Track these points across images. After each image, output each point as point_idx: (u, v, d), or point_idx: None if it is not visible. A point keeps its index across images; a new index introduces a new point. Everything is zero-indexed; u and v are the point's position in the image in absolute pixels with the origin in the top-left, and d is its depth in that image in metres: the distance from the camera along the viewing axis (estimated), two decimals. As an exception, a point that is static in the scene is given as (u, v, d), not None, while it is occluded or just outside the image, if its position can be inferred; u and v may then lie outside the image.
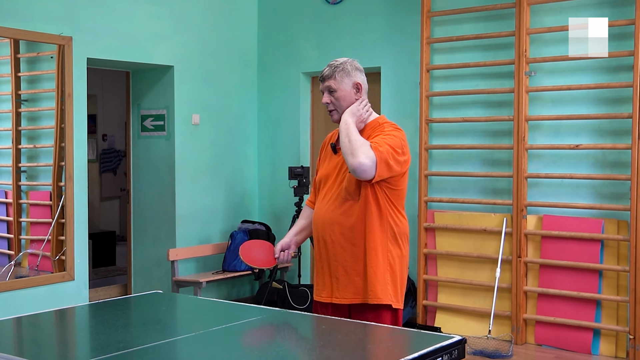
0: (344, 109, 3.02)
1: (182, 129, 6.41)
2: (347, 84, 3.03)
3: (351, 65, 3.06)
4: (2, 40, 5.52)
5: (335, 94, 3.03)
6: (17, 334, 2.77)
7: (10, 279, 5.39)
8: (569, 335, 5.23)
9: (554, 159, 5.40)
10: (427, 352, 2.34)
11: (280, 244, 3.16)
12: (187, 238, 6.43)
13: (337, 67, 3.04)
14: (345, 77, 3.03)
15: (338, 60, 3.08)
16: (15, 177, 5.73)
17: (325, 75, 3.05)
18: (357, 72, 3.07)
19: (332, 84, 3.02)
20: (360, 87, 3.06)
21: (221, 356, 2.48)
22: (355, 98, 3.04)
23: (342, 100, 3.02)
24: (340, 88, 3.02)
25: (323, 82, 3.06)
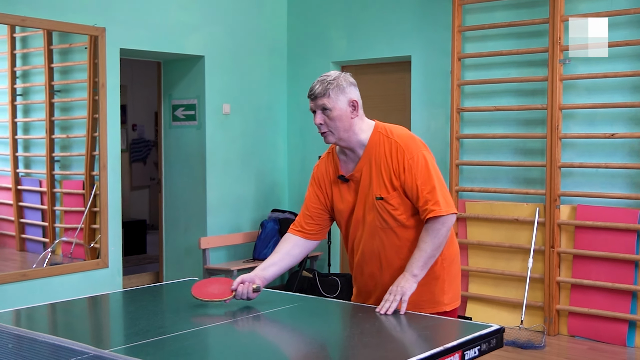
0: (340, 129, 2.69)
1: (212, 119, 6.44)
2: (343, 102, 2.68)
3: (345, 81, 2.70)
4: (36, 32, 5.59)
5: (329, 113, 2.67)
6: (62, 319, 2.81)
7: (45, 266, 5.48)
8: (603, 327, 5.17)
9: (588, 148, 5.33)
10: (466, 340, 2.33)
11: (241, 277, 2.79)
12: (217, 227, 6.48)
13: (330, 84, 2.67)
14: (340, 95, 2.67)
15: (329, 74, 2.71)
16: (49, 167, 5.82)
17: (317, 93, 2.67)
18: (352, 88, 2.71)
19: (326, 102, 2.66)
20: (356, 104, 2.71)
21: (262, 342, 2.50)
22: (351, 117, 2.70)
23: (337, 120, 2.68)
24: (336, 107, 2.67)
25: (314, 101, 2.69)
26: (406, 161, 2.69)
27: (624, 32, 5.13)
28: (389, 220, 2.73)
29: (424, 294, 2.77)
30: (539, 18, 5.46)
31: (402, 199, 2.72)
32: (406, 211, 2.73)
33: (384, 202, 2.72)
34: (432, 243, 2.66)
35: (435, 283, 2.80)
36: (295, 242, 2.90)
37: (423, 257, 2.66)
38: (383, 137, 2.75)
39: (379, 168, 2.73)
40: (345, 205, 2.83)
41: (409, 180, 2.69)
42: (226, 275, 6.15)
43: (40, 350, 2.07)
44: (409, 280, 2.66)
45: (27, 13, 5.12)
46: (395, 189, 2.71)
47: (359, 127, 2.75)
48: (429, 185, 2.68)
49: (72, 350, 1.94)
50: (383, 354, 2.26)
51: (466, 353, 2.31)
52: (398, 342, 2.50)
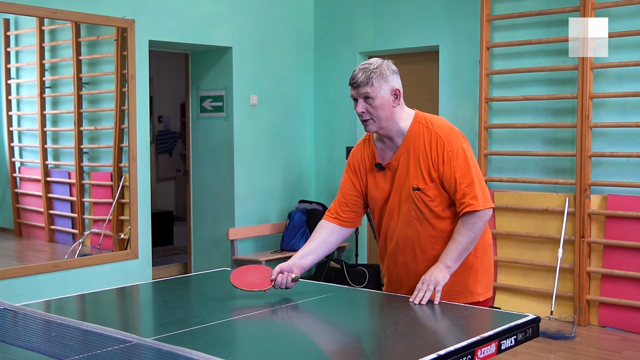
0: (381, 118, 2.68)
1: (240, 110, 6.46)
2: (386, 90, 2.67)
3: (388, 69, 2.69)
4: (65, 24, 5.64)
5: (372, 102, 2.66)
6: (95, 310, 2.85)
7: (76, 257, 5.55)
8: (635, 317, 5.13)
9: (619, 137, 5.27)
10: (503, 329, 2.33)
11: (279, 266, 2.80)
12: (245, 218, 6.51)
13: (373, 72, 2.66)
14: (383, 83, 2.66)
15: (372, 62, 2.70)
16: (77, 159, 5.88)
17: (360, 81, 2.66)
18: (394, 76, 2.70)
19: (369, 91, 2.65)
20: (398, 93, 2.70)
21: (297, 332, 2.51)
22: (393, 106, 2.69)
23: (380, 109, 2.66)
24: (379, 96, 2.65)
25: (357, 89, 2.67)
26: (446, 153, 2.68)
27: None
28: (425, 211, 2.73)
29: (456, 284, 2.77)
30: (570, 6, 5.39)
31: (439, 191, 2.71)
32: (442, 203, 2.73)
33: (421, 193, 2.72)
34: (468, 236, 2.66)
35: (469, 273, 2.80)
36: (331, 230, 2.90)
37: (458, 249, 2.67)
38: (423, 128, 2.73)
39: (417, 158, 2.72)
40: (380, 193, 2.83)
41: (448, 172, 2.68)
42: (254, 265, 6.18)
43: (84, 338, 2.10)
44: (443, 270, 2.66)
45: (58, 5, 5.17)
46: (433, 180, 2.70)
47: (399, 116, 2.74)
48: (467, 179, 2.67)
49: (115, 338, 1.96)
50: (419, 343, 2.26)
51: (502, 342, 2.31)
52: (433, 332, 2.50)
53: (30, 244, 5.97)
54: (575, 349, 4.86)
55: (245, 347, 2.33)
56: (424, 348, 2.20)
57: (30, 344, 2.07)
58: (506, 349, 2.34)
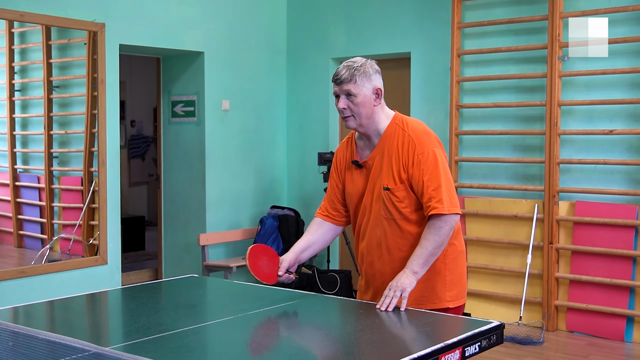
0: (362, 116, 2.73)
1: (212, 115, 6.43)
2: (368, 88, 2.72)
3: (371, 68, 2.75)
4: (35, 27, 5.57)
5: (354, 99, 2.71)
6: (61, 316, 2.81)
7: (44, 263, 5.47)
8: (602, 322, 5.19)
9: (587, 145, 5.34)
10: (467, 336, 2.34)
11: (287, 262, 2.87)
12: (217, 223, 6.48)
13: (357, 70, 2.71)
14: (366, 81, 2.71)
15: (356, 60, 2.75)
16: (47, 163, 5.81)
17: (344, 78, 2.71)
18: (377, 76, 2.76)
19: (351, 88, 2.70)
20: (380, 92, 2.76)
21: (261, 339, 2.50)
22: (374, 105, 2.74)
23: (361, 106, 2.72)
24: (361, 93, 2.71)
25: (340, 85, 2.72)
26: (416, 155, 2.72)
27: (622, 29, 5.14)
28: (393, 212, 2.76)
29: (425, 290, 2.78)
30: (538, 15, 5.46)
31: (408, 193, 2.75)
32: (411, 205, 2.76)
33: (390, 193, 2.76)
34: (434, 241, 2.68)
35: (437, 279, 2.81)
36: (327, 227, 2.99)
37: (424, 254, 2.68)
38: (399, 129, 2.78)
39: (390, 159, 2.76)
40: (355, 190, 2.89)
41: (417, 174, 2.72)
42: (225, 272, 6.16)
43: (40, 348, 2.07)
44: (409, 276, 2.67)
45: (26, 8, 5.11)
46: (402, 181, 2.74)
47: (379, 115, 2.79)
48: (435, 182, 2.70)
49: (72, 347, 1.94)
50: (384, 350, 2.26)
51: (467, 349, 2.32)
52: (399, 339, 2.50)
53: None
54: (544, 354, 4.90)
55: (209, 354, 2.31)
56: (389, 355, 2.21)
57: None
58: (470, 355, 2.35)
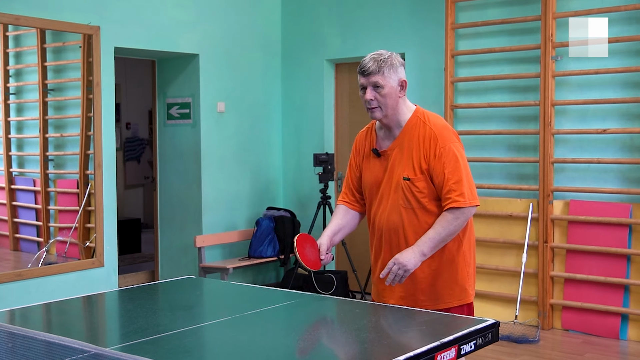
0: (388, 107, 2.80)
1: (207, 117, 6.45)
2: (394, 80, 2.79)
3: (397, 60, 2.83)
4: (29, 30, 5.58)
5: (381, 90, 2.78)
6: (59, 318, 2.82)
7: (41, 265, 5.48)
8: (597, 321, 5.22)
9: (580, 144, 5.38)
10: (462, 334, 2.36)
11: (325, 245, 2.93)
12: (213, 225, 6.49)
13: (384, 62, 2.78)
14: (392, 73, 2.78)
15: (382, 53, 2.82)
16: (43, 166, 5.82)
17: (372, 69, 2.78)
18: (402, 68, 2.83)
19: (379, 79, 2.77)
20: (405, 84, 2.83)
21: (259, 340, 2.52)
22: (399, 96, 2.82)
23: (388, 97, 2.78)
24: (388, 85, 2.77)
25: (367, 77, 2.79)
26: (438, 149, 2.80)
27: (615, 28, 5.17)
28: (412, 201, 2.84)
29: (451, 287, 2.88)
30: (531, 15, 5.49)
31: (428, 184, 2.83)
32: (429, 195, 2.83)
33: (410, 184, 2.83)
34: (448, 229, 2.76)
35: (461, 274, 2.89)
36: (353, 214, 3.08)
37: (436, 239, 2.77)
38: (420, 122, 2.86)
39: (410, 150, 2.84)
40: (373, 178, 2.95)
41: (438, 167, 2.80)
42: (221, 274, 6.17)
43: (40, 349, 2.09)
44: (417, 256, 2.76)
45: (21, 12, 5.12)
46: (423, 172, 2.82)
47: (402, 107, 2.87)
48: (456, 176, 2.78)
49: (72, 348, 1.95)
50: (380, 349, 2.28)
51: (462, 347, 2.34)
52: (394, 338, 2.52)
53: (-6, 252, 5.89)
54: (540, 352, 4.93)
55: (207, 355, 2.33)
56: (385, 354, 2.23)
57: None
58: (466, 353, 2.37)
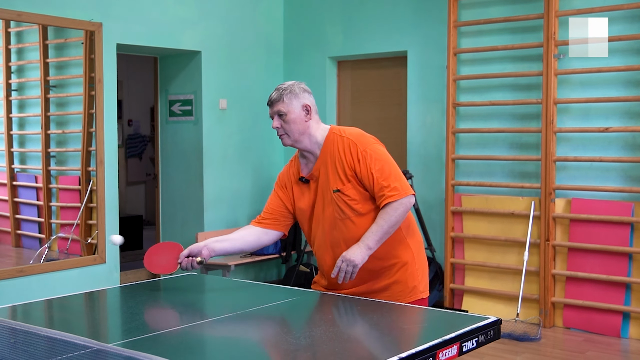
0: (294, 132, 2.94)
1: (209, 114, 6.45)
2: (297, 106, 2.94)
3: (299, 88, 2.98)
4: (31, 26, 5.58)
5: (285, 117, 2.94)
6: (60, 315, 2.83)
7: (42, 262, 5.49)
8: (598, 319, 5.22)
9: (582, 142, 5.37)
10: (465, 332, 2.36)
11: (190, 248, 3.00)
12: (215, 222, 6.50)
13: (284, 90, 2.95)
14: (293, 100, 2.94)
15: (285, 83, 3.00)
16: (44, 162, 5.81)
17: (274, 99, 2.96)
18: (305, 94, 2.98)
19: (281, 107, 2.94)
20: (309, 108, 2.97)
21: (261, 336, 2.52)
22: (306, 120, 2.96)
23: (292, 123, 2.93)
24: (290, 111, 2.94)
25: (272, 107, 2.97)
26: (359, 153, 2.91)
27: (617, 27, 5.16)
28: (346, 210, 2.93)
29: (400, 284, 2.94)
30: (534, 13, 5.49)
31: (357, 189, 2.93)
32: (362, 200, 2.93)
33: (341, 194, 2.93)
34: (389, 220, 2.85)
35: (410, 272, 2.97)
36: (251, 231, 3.12)
37: (379, 231, 2.85)
38: (337, 137, 2.97)
39: (334, 164, 2.95)
40: (305, 203, 3.04)
41: (364, 170, 2.90)
42: (223, 271, 6.17)
43: (42, 344, 2.09)
44: (363, 251, 2.85)
45: (23, 8, 5.12)
46: (350, 180, 2.92)
47: (314, 129, 2.99)
48: (384, 173, 2.89)
49: (74, 344, 1.95)
50: (382, 345, 2.28)
51: (464, 345, 2.34)
52: (396, 334, 2.52)
53: (-5, 249, 5.89)
54: (541, 350, 4.93)
55: (208, 351, 2.33)
56: (387, 350, 2.23)
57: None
58: (468, 350, 2.37)
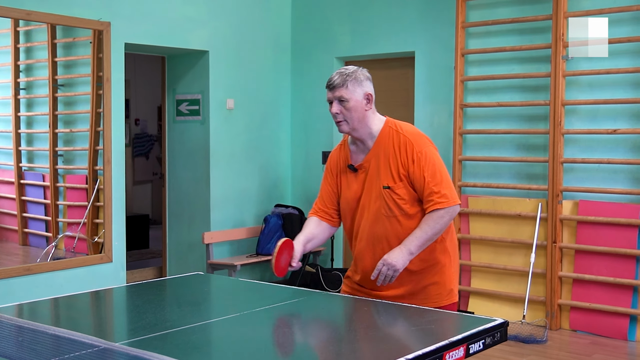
0: (354, 120, 2.86)
1: (216, 114, 6.46)
2: (359, 93, 2.87)
3: (363, 74, 2.91)
4: (40, 25, 5.60)
5: (346, 104, 2.85)
6: (67, 313, 2.83)
7: (49, 260, 5.50)
8: (605, 321, 5.20)
9: (590, 144, 5.35)
10: (471, 334, 2.35)
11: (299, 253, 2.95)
12: (221, 222, 6.50)
13: (349, 76, 2.87)
14: (357, 87, 2.86)
15: (348, 68, 2.92)
16: (52, 161, 5.83)
17: (336, 83, 2.86)
18: (368, 82, 2.91)
19: (343, 93, 2.85)
20: (371, 97, 2.90)
21: (267, 336, 2.52)
22: (365, 109, 2.88)
23: (353, 111, 2.86)
24: (352, 98, 2.85)
25: (332, 91, 2.87)
26: (415, 154, 2.84)
27: (626, 28, 5.15)
28: (394, 209, 2.87)
29: (437, 288, 2.91)
30: (542, 15, 5.47)
31: (408, 190, 2.87)
32: (410, 201, 2.87)
33: (391, 192, 2.87)
34: (434, 227, 2.81)
35: (446, 275, 2.94)
36: (325, 226, 3.08)
37: (423, 237, 2.81)
38: (393, 131, 2.90)
39: (387, 159, 2.88)
40: (352, 194, 2.98)
41: (417, 172, 2.84)
42: (229, 270, 6.18)
43: (48, 343, 2.09)
44: (405, 255, 2.80)
45: (33, 7, 5.14)
46: (402, 179, 2.86)
47: (371, 119, 2.91)
48: (436, 179, 2.83)
49: (81, 343, 1.96)
50: (389, 347, 2.28)
51: (471, 346, 2.33)
52: (403, 336, 2.52)
53: (3, 247, 5.90)
54: (547, 352, 4.92)
55: (214, 351, 2.33)
56: (393, 352, 2.22)
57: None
58: (474, 352, 2.36)
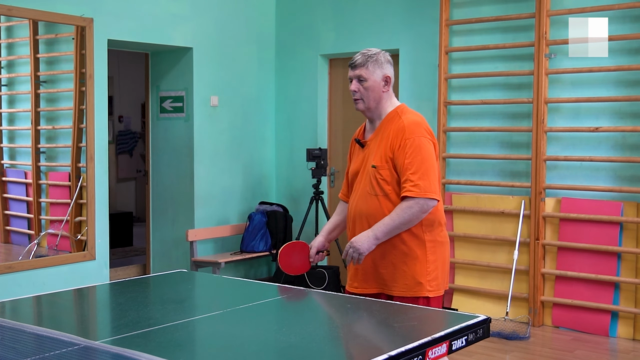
0: (370, 99, 3.02)
1: (200, 111, 6.43)
2: (378, 75, 3.01)
3: (384, 57, 3.04)
4: (22, 21, 5.55)
5: (364, 83, 3.01)
6: (49, 311, 2.81)
7: (32, 258, 5.46)
8: (587, 318, 5.24)
9: (573, 142, 5.39)
10: (454, 330, 2.36)
11: (316, 246, 3.18)
12: (205, 219, 6.48)
13: (370, 57, 3.01)
14: (377, 68, 3.01)
15: (371, 50, 3.06)
16: (34, 158, 5.79)
17: (358, 63, 3.02)
18: (388, 65, 3.05)
19: (363, 73, 3.00)
20: (389, 80, 3.05)
21: (251, 333, 2.52)
22: (383, 91, 3.03)
23: (370, 90, 3.01)
24: (371, 78, 3.01)
25: (354, 70, 3.03)
26: (404, 140, 2.96)
27: (609, 27, 5.17)
28: (376, 188, 2.99)
29: (406, 278, 2.96)
30: (526, 13, 5.50)
31: (391, 173, 2.98)
32: (392, 183, 2.98)
33: (376, 171, 2.99)
34: (401, 217, 2.90)
35: (418, 267, 2.98)
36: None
37: (390, 225, 2.91)
38: (396, 116, 3.04)
39: (382, 141, 3.01)
40: (355, 167, 3.14)
41: (400, 157, 2.95)
42: (213, 268, 6.17)
43: (29, 341, 2.08)
44: (370, 240, 2.92)
45: (14, 2, 5.08)
46: (387, 161, 2.97)
47: (385, 101, 3.06)
48: (414, 167, 2.91)
49: (62, 341, 1.94)
50: (372, 344, 2.29)
51: (453, 343, 2.34)
52: (386, 333, 2.53)
53: (-15, 245, 5.87)
54: (530, 349, 4.95)
55: (197, 348, 2.32)
56: (376, 348, 2.23)
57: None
58: (457, 349, 2.37)
